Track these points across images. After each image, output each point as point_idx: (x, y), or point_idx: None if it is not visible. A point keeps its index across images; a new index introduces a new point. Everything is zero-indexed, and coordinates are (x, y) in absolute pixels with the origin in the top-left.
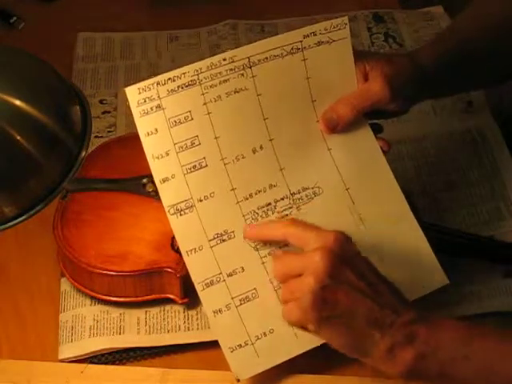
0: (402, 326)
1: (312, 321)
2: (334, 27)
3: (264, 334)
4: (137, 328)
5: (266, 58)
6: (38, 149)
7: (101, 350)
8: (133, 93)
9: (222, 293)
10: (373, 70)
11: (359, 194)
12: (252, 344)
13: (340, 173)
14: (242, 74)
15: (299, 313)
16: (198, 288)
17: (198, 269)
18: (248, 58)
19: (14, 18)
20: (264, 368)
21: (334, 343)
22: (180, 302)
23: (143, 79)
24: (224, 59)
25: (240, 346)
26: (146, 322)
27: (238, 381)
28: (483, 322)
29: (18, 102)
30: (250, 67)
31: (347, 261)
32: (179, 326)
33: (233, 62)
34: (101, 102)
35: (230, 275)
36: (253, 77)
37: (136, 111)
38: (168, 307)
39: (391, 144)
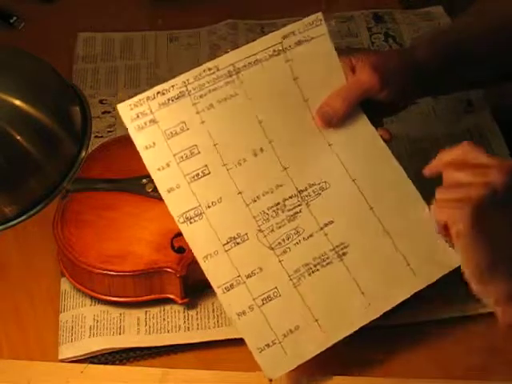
0: None
1: (464, 226)
2: (310, 24)
3: (290, 331)
4: (137, 328)
5: (250, 63)
6: (38, 149)
7: (101, 350)
8: (125, 109)
9: (243, 295)
10: (359, 61)
11: (366, 184)
12: (279, 342)
13: (344, 165)
14: (230, 81)
15: (455, 213)
16: (219, 292)
17: (216, 274)
18: (232, 64)
19: (14, 18)
20: (294, 365)
21: (465, 256)
22: (180, 302)
23: (143, 79)
24: (209, 69)
25: (268, 345)
26: (145, 322)
27: (271, 381)
28: (483, 321)
29: (18, 102)
30: (236, 73)
31: None
32: (179, 326)
33: (218, 70)
34: (101, 102)
35: (248, 277)
36: (241, 83)
37: (131, 127)
38: (168, 307)
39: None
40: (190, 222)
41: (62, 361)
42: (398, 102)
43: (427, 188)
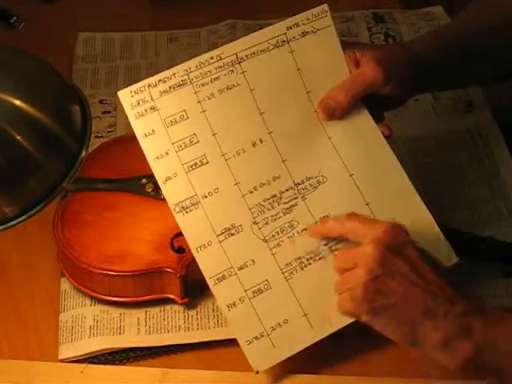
0: (456, 317)
1: (365, 311)
2: (316, 16)
3: (279, 324)
4: (137, 328)
5: (254, 53)
6: (38, 149)
7: (101, 350)
8: (125, 96)
9: (234, 286)
10: (363, 56)
11: (363, 179)
12: (268, 335)
13: (342, 160)
14: (232, 71)
15: (352, 304)
16: (210, 283)
17: (208, 264)
18: (235, 54)
19: (14, 18)
20: (281, 358)
21: (387, 332)
22: (180, 302)
23: (143, 79)
24: (212, 57)
25: (256, 337)
26: (145, 322)
27: (257, 373)
28: None
29: (18, 102)
30: (239, 63)
31: (398, 251)
32: (179, 326)
33: (221, 59)
34: (101, 102)
35: (241, 268)
36: (243, 72)
37: (131, 114)
38: (168, 307)
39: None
40: (186, 212)
41: (62, 361)
42: (399, 97)
43: (425, 185)
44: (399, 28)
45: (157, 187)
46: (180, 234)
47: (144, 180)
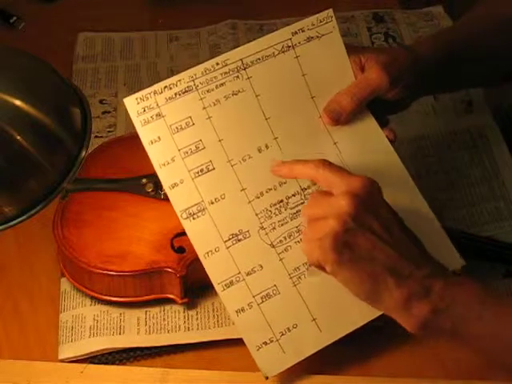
0: (419, 279)
1: (331, 262)
2: (321, 21)
3: (288, 329)
4: (137, 328)
5: (259, 58)
6: (37, 149)
7: (101, 350)
8: (131, 103)
9: (242, 292)
10: (368, 60)
11: None
12: (277, 340)
13: (348, 165)
14: (238, 77)
15: (319, 253)
16: (219, 289)
17: (216, 270)
18: (241, 60)
19: (14, 18)
20: (291, 363)
21: (350, 286)
22: (180, 301)
23: (143, 79)
24: (217, 63)
25: (265, 343)
26: (146, 322)
27: (267, 378)
28: None
29: (18, 102)
30: (244, 69)
31: (372, 208)
32: (179, 326)
33: (226, 65)
34: (101, 102)
35: (249, 274)
36: (248, 78)
37: (137, 121)
38: (168, 307)
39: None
40: (193, 218)
41: (62, 361)
42: (403, 101)
43: (425, 185)
44: (399, 28)
45: (157, 187)
46: (180, 233)
47: (144, 180)
